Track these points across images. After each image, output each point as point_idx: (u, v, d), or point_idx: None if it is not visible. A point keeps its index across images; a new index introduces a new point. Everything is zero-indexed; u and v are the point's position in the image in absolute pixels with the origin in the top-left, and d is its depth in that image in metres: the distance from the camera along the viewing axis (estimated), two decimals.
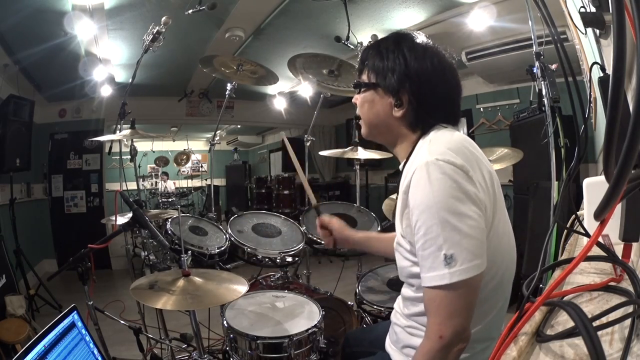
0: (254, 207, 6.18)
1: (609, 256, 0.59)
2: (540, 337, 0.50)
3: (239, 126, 7.83)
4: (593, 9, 1.23)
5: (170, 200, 6.99)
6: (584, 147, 0.91)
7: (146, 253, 2.06)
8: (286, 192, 5.52)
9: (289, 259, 1.90)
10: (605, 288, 0.56)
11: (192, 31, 3.26)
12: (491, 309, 0.87)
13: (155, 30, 2.13)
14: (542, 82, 1.68)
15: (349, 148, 2.25)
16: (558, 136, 1.74)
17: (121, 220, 1.78)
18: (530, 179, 2.80)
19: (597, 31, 1.33)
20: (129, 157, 2.50)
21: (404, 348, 0.94)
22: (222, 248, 1.89)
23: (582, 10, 1.30)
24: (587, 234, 0.72)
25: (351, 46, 2.57)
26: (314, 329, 1.31)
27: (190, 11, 2.47)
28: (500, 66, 3.46)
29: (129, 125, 2.26)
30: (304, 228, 2.01)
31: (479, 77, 3.99)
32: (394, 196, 2.05)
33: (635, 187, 0.40)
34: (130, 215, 1.48)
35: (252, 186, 6.59)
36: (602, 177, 0.39)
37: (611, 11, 1.00)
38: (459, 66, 3.73)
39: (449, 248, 0.73)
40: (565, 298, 0.57)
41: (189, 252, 1.65)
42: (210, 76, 3.39)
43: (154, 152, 8.23)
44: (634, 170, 0.35)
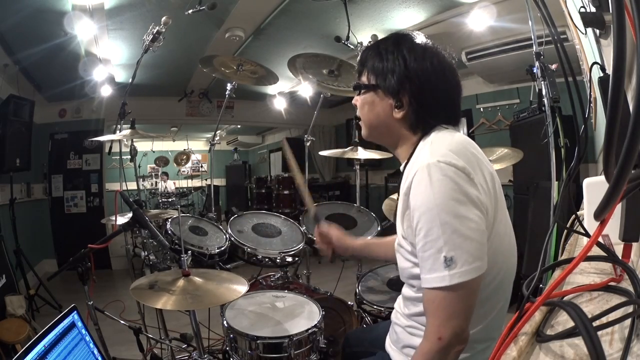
0: (254, 207, 6.19)
1: (609, 256, 0.59)
2: (540, 337, 0.50)
3: (239, 126, 7.83)
4: (593, 9, 1.23)
5: (170, 200, 6.99)
6: (584, 147, 0.91)
7: (146, 253, 2.06)
8: (286, 192, 5.53)
9: (289, 259, 1.90)
10: (605, 288, 0.55)
11: (192, 31, 3.26)
12: (492, 310, 0.87)
13: (155, 30, 2.14)
14: (542, 82, 1.68)
15: (349, 148, 2.25)
16: (558, 136, 1.74)
17: (121, 220, 1.78)
18: (530, 179, 2.80)
19: (597, 31, 1.33)
20: (129, 157, 2.50)
21: (404, 348, 0.94)
22: (222, 248, 1.89)
23: (582, 10, 1.30)
24: (587, 234, 0.72)
25: (351, 46, 2.57)
26: (314, 329, 1.31)
27: (190, 11, 2.47)
28: (500, 66, 3.45)
29: (129, 125, 2.26)
30: (304, 228, 2.01)
31: (479, 77, 3.99)
32: (394, 196, 2.06)
33: (635, 187, 0.40)
34: (130, 215, 1.48)
35: (252, 186, 6.60)
36: (602, 177, 0.39)
37: (611, 11, 1.00)
38: (459, 66, 3.73)
39: (450, 250, 0.73)
40: (565, 298, 0.57)
41: (189, 252, 1.65)
42: (210, 76, 3.39)
43: (154, 152, 8.23)
44: (634, 170, 0.35)
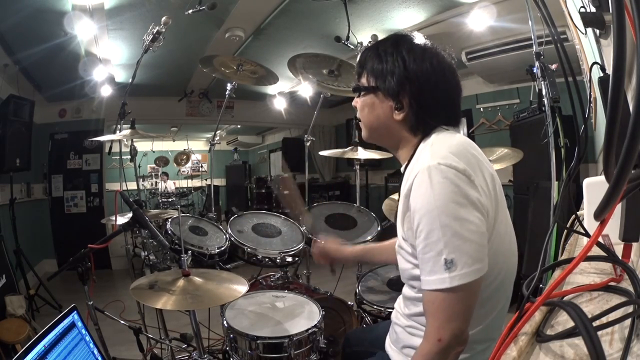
0: (254, 207, 6.18)
1: (609, 256, 0.59)
2: (540, 337, 0.50)
3: (239, 126, 7.83)
4: (593, 9, 1.22)
5: (170, 200, 6.99)
6: (584, 147, 0.90)
7: (146, 253, 2.06)
8: (286, 192, 5.52)
9: (289, 259, 1.90)
10: (605, 288, 0.55)
11: (192, 31, 3.26)
12: (492, 310, 0.86)
13: (155, 30, 2.14)
14: (542, 82, 1.68)
15: (349, 148, 2.25)
16: (558, 136, 1.74)
17: (121, 220, 1.78)
18: (530, 179, 2.80)
19: (597, 31, 1.33)
20: (129, 157, 2.50)
21: (404, 348, 0.94)
22: (222, 248, 1.89)
23: (582, 10, 1.29)
24: (587, 234, 0.72)
25: (351, 46, 2.57)
26: (314, 329, 1.31)
27: (190, 11, 2.47)
28: (500, 66, 3.45)
29: (129, 125, 2.26)
30: (304, 228, 2.01)
31: (479, 77, 3.99)
32: (394, 196, 2.06)
33: (635, 187, 0.40)
34: (130, 215, 1.48)
35: (252, 186, 6.60)
36: (602, 177, 0.39)
37: (611, 11, 1.00)
38: (459, 66, 3.72)
39: (450, 253, 0.73)
40: (565, 298, 0.57)
41: (189, 252, 1.65)
42: (210, 76, 3.40)
43: (154, 152, 8.23)
44: (634, 170, 0.35)
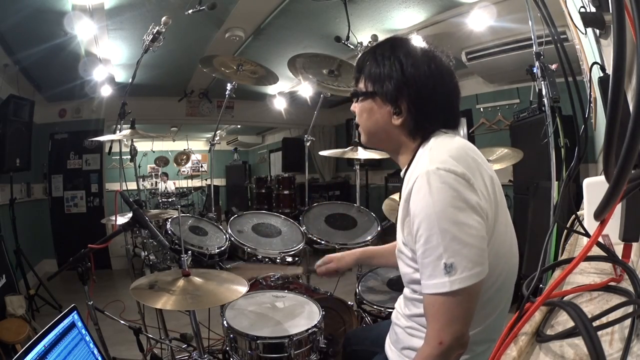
0: (254, 207, 6.18)
1: (609, 256, 0.59)
2: (540, 337, 0.50)
3: (239, 126, 7.83)
4: (593, 9, 1.22)
5: (170, 200, 6.99)
6: (584, 147, 0.90)
7: (146, 253, 2.06)
8: (286, 192, 5.52)
9: (289, 259, 1.90)
10: (605, 288, 0.55)
11: (192, 31, 3.26)
12: (493, 311, 0.87)
13: (155, 30, 2.14)
14: (542, 82, 1.67)
15: (349, 148, 2.24)
16: (558, 136, 1.74)
17: (121, 220, 1.78)
18: (530, 179, 2.80)
19: (597, 31, 1.33)
20: (129, 157, 2.50)
21: (404, 349, 0.94)
22: (222, 248, 1.89)
23: (582, 10, 1.29)
24: (587, 234, 0.72)
25: (351, 46, 2.58)
26: (314, 329, 1.31)
27: (190, 11, 2.47)
28: (500, 66, 3.45)
29: (129, 125, 2.26)
30: (304, 228, 2.01)
31: (479, 77, 3.99)
32: (394, 196, 2.06)
33: (635, 187, 0.40)
34: (130, 215, 1.48)
35: (252, 186, 6.60)
36: (602, 177, 0.39)
37: (611, 11, 1.00)
38: (459, 66, 3.75)
39: (449, 257, 0.73)
40: (565, 298, 0.57)
41: (189, 252, 1.65)
42: (210, 76, 3.39)
43: (154, 152, 8.22)
44: (634, 170, 0.35)
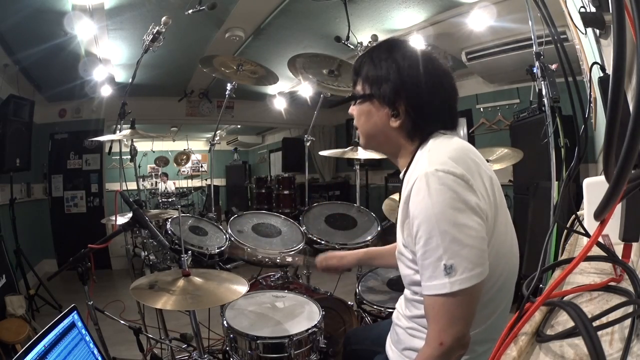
0: (254, 207, 6.19)
1: (609, 256, 0.59)
2: (540, 337, 0.50)
3: (239, 126, 7.83)
4: (593, 9, 1.23)
5: (170, 200, 6.99)
6: (584, 147, 0.90)
7: (146, 253, 2.06)
8: (286, 192, 5.53)
9: (289, 259, 1.90)
10: (605, 288, 0.55)
11: (192, 31, 3.26)
12: (494, 311, 0.87)
13: (155, 30, 2.14)
14: (542, 82, 1.68)
15: (349, 148, 2.24)
16: (558, 136, 1.74)
17: (121, 220, 1.78)
18: (530, 179, 2.80)
19: (597, 31, 1.33)
20: (129, 157, 2.50)
21: (405, 350, 0.94)
22: (222, 248, 1.89)
23: (582, 10, 1.30)
24: (587, 234, 0.72)
25: (351, 46, 2.58)
26: (314, 329, 1.31)
27: (190, 11, 2.47)
28: (500, 66, 3.46)
29: (129, 125, 2.26)
30: (304, 228, 2.01)
31: (479, 77, 3.99)
32: (394, 196, 2.06)
33: (635, 187, 0.40)
34: (130, 215, 1.48)
35: (252, 186, 6.60)
36: (602, 177, 0.39)
37: (611, 11, 1.00)
38: (459, 66, 3.75)
39: (449, 258, 0.73)
40: (565, 298, 0.57)
41: (189, 252, 1.65)
42: (210, 76, 3.39)
43: (154, 152, 8.23)
44: (634, 170, 0.35)
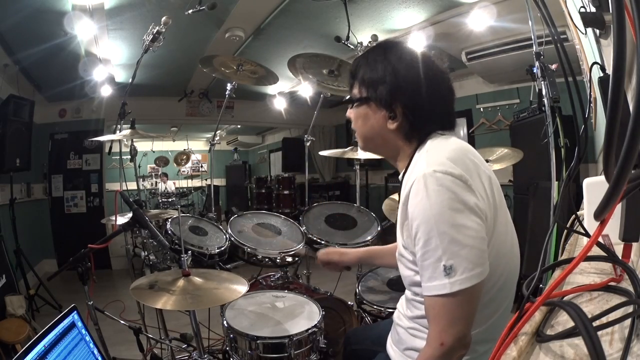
0: (254, 207, 6.19)
1: (609, 256, 0.59)
2: (540, 337, 0.50)
3: (239, 126, 7.83)
4: (593, 9, 1.22)
5: (170, 200, 6.99)
6: (584, 147, 0.90)
7: (146, 253, 2.06)
8: (286, 192, 5.53)
9: (289, 259, 1.90)
10: (605, 288, 0.55)
11: (192, 31, 3.26)
12: (495, 311, 0.87)
13: (155, 30, 2.14)
14: (542, 82, 1.68)
15: (349, 148, 2.24)
16: (558, 136, 1.74)
17: (121, 220, 1.78)
18: (530, 179, 2.80)
19: (597, 31, 1.33)
20: (129, 157, 2.50)
21: (406, 350, 0.94)
22: (222, 248, 1.89)
23: (582, 10, 1.29)
24: (587, 234, 0.72)
25: (351, 46, 2.58)
26: (314, 329, 1.31)
27: (190, 11, 2.47)
28: (500, 66, 3.46)
29: (129, 125, 2.26)
30: (304, 228, 2.01)
31: (479, 77, 3.99)
32: (394, 196, 2.06)
33: (635, 187, 0.40)
34: (130, 215, 1.48)
35: (252, 186, 6.60)
36: (602, 177, 0.39)
37: (611, 11, 1.00)
38: (459, 66, 3.75)
39: (449, 259, 0.73)
40: (565, 298, 0.57)
41: (189, 252, 1.65)
42: (210, 76, 3.39)
43: (154, 152, 8.22)
44: (634, 170, 0.35)
